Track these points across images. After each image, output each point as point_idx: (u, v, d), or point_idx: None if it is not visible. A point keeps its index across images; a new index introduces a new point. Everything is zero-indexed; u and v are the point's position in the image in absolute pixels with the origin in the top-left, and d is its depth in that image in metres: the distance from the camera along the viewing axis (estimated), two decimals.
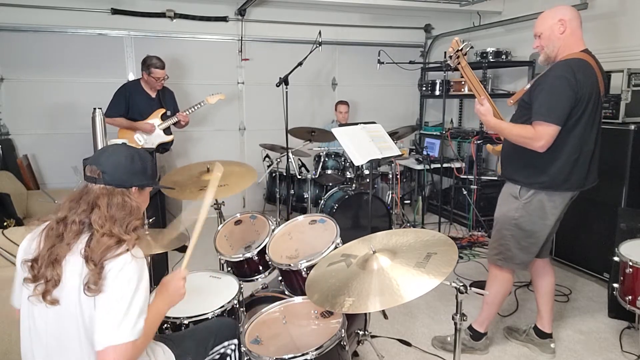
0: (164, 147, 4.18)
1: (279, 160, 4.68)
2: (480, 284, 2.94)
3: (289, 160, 4.33)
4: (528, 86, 2.34)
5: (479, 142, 4.71)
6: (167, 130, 4.15)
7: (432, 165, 4.97)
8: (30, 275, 1.35)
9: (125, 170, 1.43)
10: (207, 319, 1.92)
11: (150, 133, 4.05)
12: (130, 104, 4.02)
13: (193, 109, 4.23)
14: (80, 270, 1.32)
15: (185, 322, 1.89)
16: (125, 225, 1.38)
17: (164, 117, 4.11)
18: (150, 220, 2.52)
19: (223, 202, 2.82)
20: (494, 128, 2.33)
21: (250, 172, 2.78)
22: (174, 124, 4.20)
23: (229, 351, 1.78)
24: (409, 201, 5.65)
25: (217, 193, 2.61)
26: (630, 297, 2.41)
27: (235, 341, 1.78)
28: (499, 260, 2.50)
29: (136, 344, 1.32)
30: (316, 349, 1.65)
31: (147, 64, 3.97)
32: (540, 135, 2.16)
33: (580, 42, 2.26)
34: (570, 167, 2.26)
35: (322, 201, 4.22)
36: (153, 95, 4.12)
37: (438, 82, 5.37)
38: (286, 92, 4.08)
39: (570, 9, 2.27)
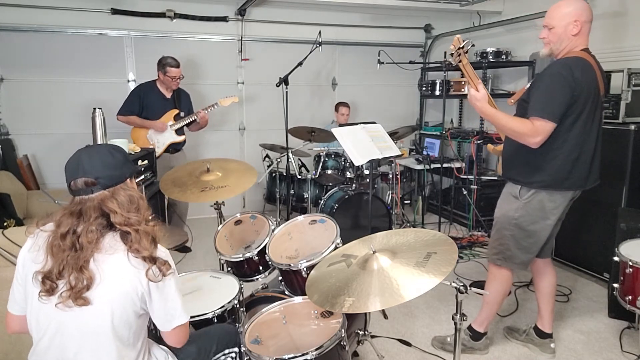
0: (175, 148, 4.20)
1: (279, 160, 4.69)
2: (480, 284, 2.95)
3: (289, 160, 4.33)
4: (528, 85, 2.34)
5: (479, 142, 4.71)
6: (179, 131, 4.16)
7: (432, 165, 4.96)
8: (46, 288, 1.33)
9: (113, 166, 1.41)
10: (207, 319, 1.92)
11: (162, 131, 4.07)
12: (144, 103, 4.08)
13: (206, 111, 4.20)
14: (121, 267, 1.36)
15: None
16: (144, 218, 1.41)
17: (177, 118, 4.13)
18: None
19: (223, 202, 2.82)
20: (489, 117, 2.28)
21: (250, 172, 2.78)
22: (189, 125, 4.21)
23: (229, 359, 1.77)
24: (409, 201, 5.66)
25: (218, 194, 2.62)
26: (630, 297, 2.41)
27: (236, 349, 1.77)
28: (498, 260, 2.50)
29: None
30: (316, 349, 1.65)
31: (163, 63, 4.02)
32: (538, 131, 2.15)
33: (585, 42, 2.26)
34: (571, 165, 2.26)
35: (322, 201, 4.22)
36: (168, 95, 4.15)
37: (438, 82, 5.36)
38: (286, 92, 4.08)
39: (588, 9, 2.23)
